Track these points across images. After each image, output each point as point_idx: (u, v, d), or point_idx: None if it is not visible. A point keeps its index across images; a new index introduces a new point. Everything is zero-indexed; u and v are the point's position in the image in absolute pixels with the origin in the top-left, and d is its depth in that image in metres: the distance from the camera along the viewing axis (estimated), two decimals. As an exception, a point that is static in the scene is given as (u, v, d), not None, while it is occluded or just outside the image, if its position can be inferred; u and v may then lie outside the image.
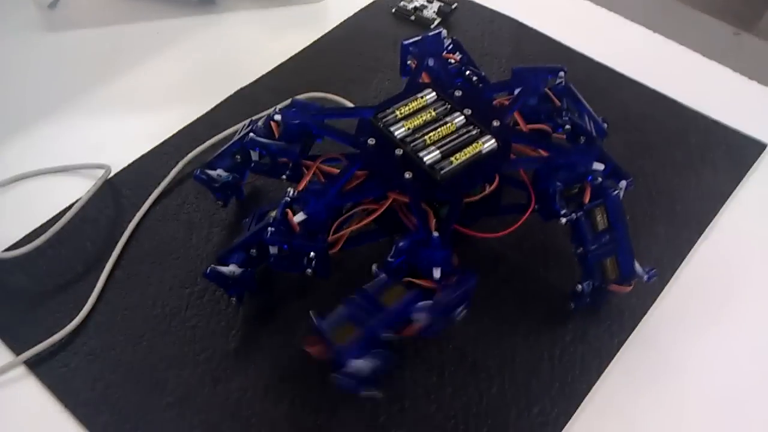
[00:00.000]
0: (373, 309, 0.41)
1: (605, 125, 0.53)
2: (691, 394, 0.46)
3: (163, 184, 0.55)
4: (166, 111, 0.62)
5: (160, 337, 0.48)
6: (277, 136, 0.49)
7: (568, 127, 0.50)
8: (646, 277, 0.46)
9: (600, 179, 0.45)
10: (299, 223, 0.44)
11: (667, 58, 0.68)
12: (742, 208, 0.56)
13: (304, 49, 0.68)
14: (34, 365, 0.46)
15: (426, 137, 0.47)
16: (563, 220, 0.44)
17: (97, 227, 0.54)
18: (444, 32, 0.55)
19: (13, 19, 0.69)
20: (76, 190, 0.55)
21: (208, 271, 0.45)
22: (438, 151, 0.46)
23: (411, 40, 0.54)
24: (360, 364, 0.40)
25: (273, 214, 0.45)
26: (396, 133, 0.47)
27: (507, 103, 0.51)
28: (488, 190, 0.46)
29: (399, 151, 0.46)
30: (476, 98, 0.49)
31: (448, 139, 0.47)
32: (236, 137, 0.50)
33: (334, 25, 0.70)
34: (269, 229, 0.44)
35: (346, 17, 0.71)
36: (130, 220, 0.53)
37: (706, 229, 0.54)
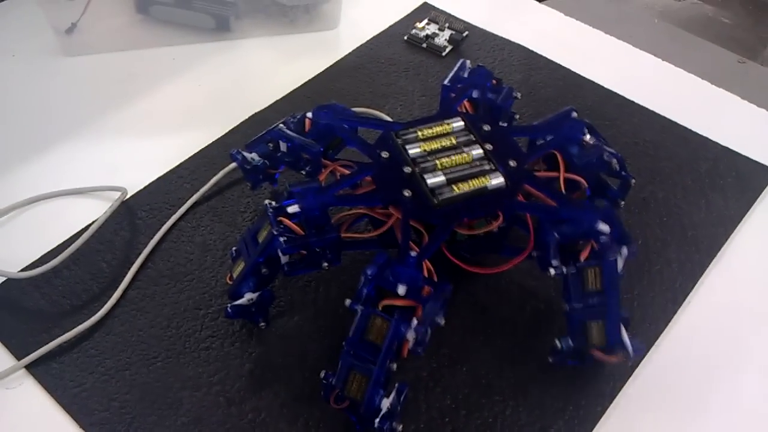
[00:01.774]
0: (368, 352, 0.41)
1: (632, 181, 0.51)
2: (705, 418, 0.46)
3: (180, 212, 0.56)
4: (182, 135, 0.63)
5: (174, 358, 0.48)
6: (306, 132, 0.50)
7: (614, 160, 0.49)
8: (632, 353, 0.44)
9: (604, 239, 0.44)
10: (293, 218, 0.45)
11: (677, 86, 0.69)
12: (753, 233, 0.56)
13: (317, 75, 0.69)
14: (49, 385, 0.47)
15: (438, 161, 0.47)
16: (552, 271, 0.44)
17: (113, 249, 0.54)
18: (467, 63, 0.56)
19: (31, 43, 0.71)
20: (93, 211, 0.56)
21: (229, 311, 0.46)
22: (444, 177, 0.46)
23: (450, 78, 0.55)
24: (387, 404, 0.41)
25: (266, 226, 0.45)
26: (410, 151, 0.48)
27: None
28: (493, 226, 0.46)
29: (407, 169, 0.47)
30: (503, 136, 0.49)
31: (458, 168, 0.47)
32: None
33: (347, 52, 0.71)
34: (280, 240, 0.43)
35: (358, 44, 0.72)
36: (146, 242, 0.54)
37: (718, 254, 0.54)
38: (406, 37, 0.72)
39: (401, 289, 0.41)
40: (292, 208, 0.44)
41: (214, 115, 0.64)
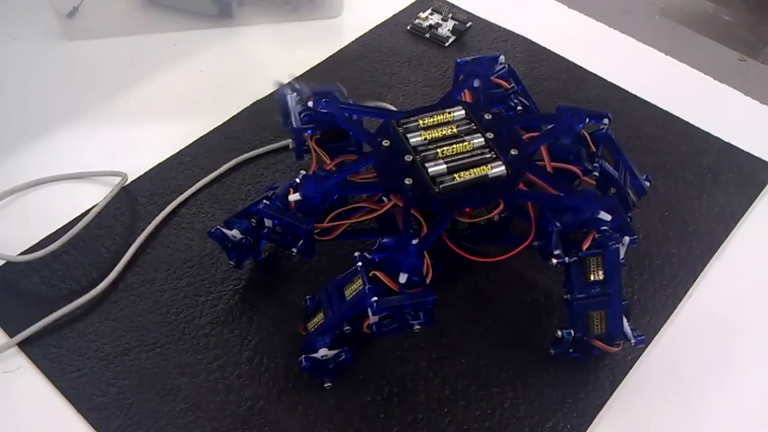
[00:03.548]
0: (336, 300, 0.43)
1: (647, 184, 0.51)
2: (705, 413, 0.46)
3: (180, 198, 0.56)
4: (183, 121, 0.62)
5: (173, 344, 0.48)
6: (305, 117, 0.50)
7: (596, 174, 0.49)
8: (633, 341, 0.44)
9: (606, 229, 0.44)
10: (295, 203, 0.45)
11: (681, 81, 0.69)
12: (754, 229, 0.56)
13: (319, 63, 0.68)
14: (47, 369, 0.46)
15: (439, 150, 0.47)
16: (554, 261, 0.44)
17: (113, 233, 0.54)
18: (502, 57, 0.55)
19: (33, 27, 0.70)
20: (93, 196, 0.56)
21: (213, 230, 0.47)
22: (445, 166, 0.46)
23: (466, 59, 0.55)
24: (323, 352, 0.43)
25: (278, 190, 0.47)
26: (411, 140, 0.48)
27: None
28: (493, 214, 0.46)
29: (408, 158, 0.47)
30: (504, 125, 0.49)
31: (459, 157, 0.47)
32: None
33: (350, 41, 0.71)
34: (264, 201, 0.46)
35: (361, 33, 0.71)
36: (145, 228, 0.54)
37: (719, 249, 0.54)
38: (409, 27, 0.72)
39: (402, 278, 0.41)
40: (293, 197, 0.45)
41: (216, 101, 0.64)
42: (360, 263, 0.42)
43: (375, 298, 0.41)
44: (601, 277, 0.43)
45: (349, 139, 0.52)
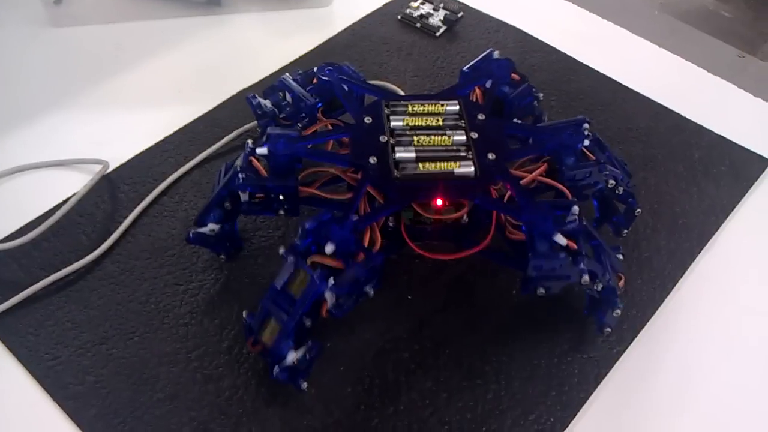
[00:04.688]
0: (285, 302, 0.41)
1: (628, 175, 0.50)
2: (690, 407, 0.46)
3: (162, 186, 0.55)
4: (168, 109, 0.61)
5: (152, 334, 0.47)
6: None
7: (612, 181, 0.47)
8: (620, 256, 0.46)
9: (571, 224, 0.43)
10: (261, 160, 0.45)
11: (673, 73, 0.68)
12: (745, 223, 0.55)
13: (308, 52, 0.67)
14: (23, 357, 0.46)
15: (415, 138, 0.46)
16: (586, 277, 0.42)
17: (93, 221, 0.53)
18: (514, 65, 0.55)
19: (19, 13, 0.69)
20: (74, 184, 0.55)
21: (190, 235, 0.47)
22: (414, 154, 0.46)
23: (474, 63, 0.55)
24: (292, 357, 0.41)
25: (238, 162, 0.46)
26: (392, 122, 0.47)
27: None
28: (460, 214, 0.45)
29: (383, 138, 0.46)
30: (494, 129, 0.48)
31: (433, 149, 0.46)
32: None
33: (340, 30, 0.70)
34: (240, 176, 0.45)
35: (351, 22, 0.71)
36: (127, 216, 0.53)
37: (708, 243, 0.54)
38: (399, 17, 0.71)
39: (329, 248, 0.40)
40: (261, 150, 0.45)
41: (202, 90, 0.63)
42: (291, 257, 0.41)
43: (332, 281, 0.40)
44: (591, 251, 0.43)
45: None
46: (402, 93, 0.62)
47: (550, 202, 0.46)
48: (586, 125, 0.48)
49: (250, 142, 0.47)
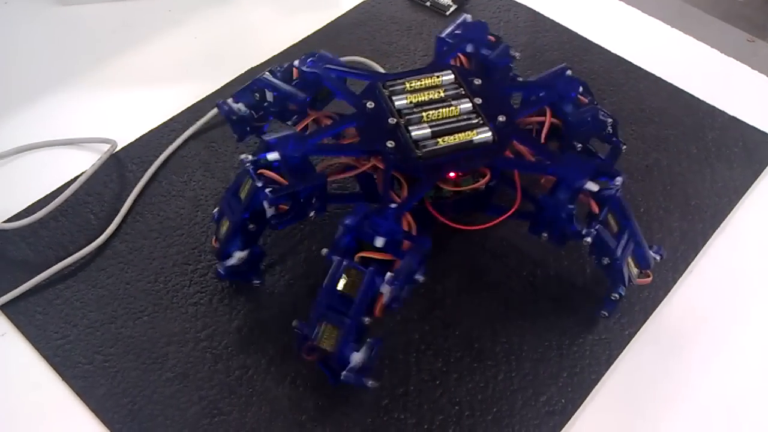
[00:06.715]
0: (342, 304, 0.40)
1: (657, 257, 0.47)
2: (702, 389, 0.45)
3: (167, 152, 0.55)
4: (175, 88, 0.61)
5: (161, 313, 0.47)
6: (293, 82, 0.50)
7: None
8: (658, 257, 0.45)
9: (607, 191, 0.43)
10: (274, 168, 0.43)
11: (686, 54, 0.67)
12: (758, 205, 0.55)
13: (316, 31, 0.67)
14: (33, 336, 0.46)
15: (424, 114, 0.46)
16: (588, 239, 0.42)
17: (101, 200, 0.53)
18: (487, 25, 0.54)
19: (25, -9, 0.69)
20: (82, 163, 0.55)
21: (221, 272, 0.46)
22: (429, 130, 0.45)
23: (449, 30, 0.54)
24: (358, 359, 0.40)
25: (248, 184, 0.43)
26: (396, 102, 0.47)
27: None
28: (480, 183, 0.45)
29: (392, 120, 0.46)
30: (494, 91, 0.48)
31: (445, 121, 0.46)
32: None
33: (348, 9, 0.69)
34: (266, 191, 0.42)
35: (360, 1, 0.70)
36: (135, 195, 0.52)
37: (721, 224, 0.53)
38: (409, -5, 0.70)
39: (379, 241, 0.40)
40: (272, 156, 0.43)
41: (209, 69, 0.63)
42: (336, 257, 0.40)
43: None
44: (615, 228, 0.44)
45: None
46: (381, 69, 0.62)
47: (593, 162, 0.46)
48: (569, 71, 0.50)
49: (247, 156, 0.43)
